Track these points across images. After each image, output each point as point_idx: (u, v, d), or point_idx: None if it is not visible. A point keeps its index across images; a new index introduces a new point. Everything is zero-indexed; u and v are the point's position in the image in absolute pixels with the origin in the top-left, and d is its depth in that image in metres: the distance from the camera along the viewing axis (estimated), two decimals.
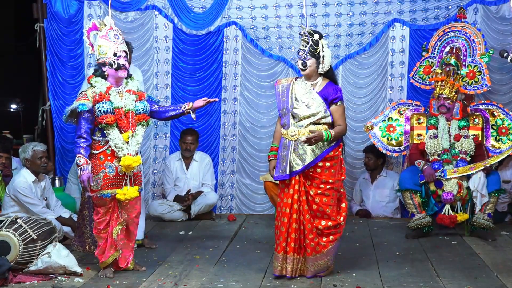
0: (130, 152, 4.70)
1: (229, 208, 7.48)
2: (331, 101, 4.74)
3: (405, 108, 6.67)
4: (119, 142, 4.67)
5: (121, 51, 4.72)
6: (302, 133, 4.70)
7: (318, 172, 4.73)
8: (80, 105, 4.62)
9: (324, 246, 4.75)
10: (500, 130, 6.44)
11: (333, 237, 4.78)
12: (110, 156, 4.71)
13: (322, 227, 4.74)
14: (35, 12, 7.45)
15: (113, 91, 4.71)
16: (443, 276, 4.79)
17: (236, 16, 7.34)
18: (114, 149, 4.68)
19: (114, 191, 4.72)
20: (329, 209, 4.74)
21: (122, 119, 4.70)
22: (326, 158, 4.73)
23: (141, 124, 4.79)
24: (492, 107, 6.49)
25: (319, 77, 4.80)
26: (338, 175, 4.79)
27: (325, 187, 4.73)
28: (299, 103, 4.76)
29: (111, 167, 4.71)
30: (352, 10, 7.23)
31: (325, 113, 4.73)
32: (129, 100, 4.77)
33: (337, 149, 4.78)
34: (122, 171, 4.72)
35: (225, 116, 7.44)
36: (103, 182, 4.70)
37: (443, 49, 6.65)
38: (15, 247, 4.82)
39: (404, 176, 6.16)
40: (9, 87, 12.11)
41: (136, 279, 4.72)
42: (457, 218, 5.99)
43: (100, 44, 4.69)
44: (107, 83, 4.73)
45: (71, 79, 7.42)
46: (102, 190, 4.70)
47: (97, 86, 4.71)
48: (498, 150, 6.37)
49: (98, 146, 4.71)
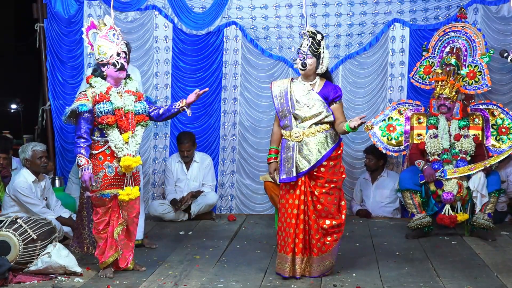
0: (130, 153, 4.69)
1: (229, 208, 7.47)
2: (332, 100, 4.76)
3: (405, 108, 6.68)
4: (119, 143, 4.67)
5: (122, 51, 4.72)
6: (306, 133, 4.72)
7: (323, 172, 4.74)
8: (80, 105, 4.61)
9: (329, 246, 4.78)
10: (500, 129, 6.44)
11: (336, 236, 4.81)
12: (109, 157, 4.71)
13: (327, 227, 4.75)
14: (35, 12, 7.44)
15: (113, 92, 4.71)
16: (443, 276, 4.79)
17: (236, 16, 7.34)
18: (114, 150, 4.68)
19: (114, 191, 4.72)
20: (333, 208, 4.76)
21: (122, 119, 4.70)
22: (331, 157, 4.75)
23: (140, 125, 4.80)
24: (492, 106, 6.49)
25: (317, 77, 4.81)
26: (340, 173, 4.83)
27: (329, 186, 4.74)
28: (300, 105, 4.76)
29: (110, 167, 4.71)
30: (352, 10, 7.23)
31: (327, 112, 4.75)
32: (129, 100, 4.76)
33: (339, 148, 4.81)
34: (122, 171, 4.72)
35: (225, 116, 7.44)
36: (103, 182, 4.69)
37: (443, 49, 6.65)
38: (15, 247, 4.82)
39: (404, 176, 6.16)
40: (9, 87, 12.11)
41: (136, 279, 4.71)
42: (457, 218, 5.99)
43: (100, 44, 4.68)
44: (107, 83, 4.72)
45: (71, 79, 7.41)
46: (101, 190, 4.69)
47: (96, 86, 4.70)
48: (499, 150, 6.37)
49: (97, 146, 4.71)
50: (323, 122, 4.75)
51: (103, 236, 4.78)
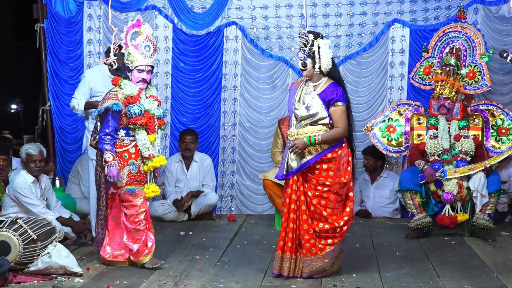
0: (154, 153, 4.99)
1: (229, 209, 7.47)
2: (328, 102, 4.71)
3: (405, 108, 6.67)
4: (147, 143, 4.96)
5: (147, 65, 4.96)
6: (299, 133, 4.72)
7: (316, 174, 4.72)
8: (115, 104, 4.86)
9: (321, 249, 4.73)
10: (500, 130, 6.44)
11: (331, 241, 4.75)
12: (134, 155, 4.99)
13: (319, 230, 4.72)
14: (35, 12, 7.44)
15: (142, 95, 5.00)
16: (443, 276, 4.79)
17: (236, 16, 7.34)
18: (141, 149, 4.96)
19: (138, 187, 4.99)
20: (326, 211, 4.71)
21: (151, 121, 5.00)
22: (323, 160, 4.70)
23: (160, 128, 5.11)
24: (492, 107, 6.49)
25: (323, 78, 4.77)
26: (338, 177, 4.73)
27: (322, 189, 4.70)
28: (300, 104, 4.76)
29: (134, 165, 4.98)
30: (352, 10, 7.23)
31: (324, 114, 4.70)
32: (153, 105, 5.07)
33: (336, 151, 4.72)
34: (144, 169, 5.01)
35: (225, 116, 7.44)
36: (128, 178, 4.96)
37: (443, 49, 6.65)
38: (15, 247, 4.82)
39: (405, 176, 6.16)
40: (9, 87, 12.11)
41: (136, 279, 4.72)
42: (457, 218, 5.99)
43: (130, 52, 4.94)
44: (137, 86, 4.99)
45: (71, 79, 7.40)
46: (126, 186, 4.96)
47: (126, 88, 4.96)
48: (498, 151, 6.38)
49: (122, 145, 4.98)
50: (319, 124, 4.72)
51: (142, 228, 5.01)
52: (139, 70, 4.94)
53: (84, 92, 5.97)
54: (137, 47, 4.92)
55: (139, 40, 4.94)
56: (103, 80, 5.84)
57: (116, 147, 4.96)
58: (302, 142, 4.64)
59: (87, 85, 5.97)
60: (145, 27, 4.99)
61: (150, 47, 4.97)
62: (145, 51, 4.94)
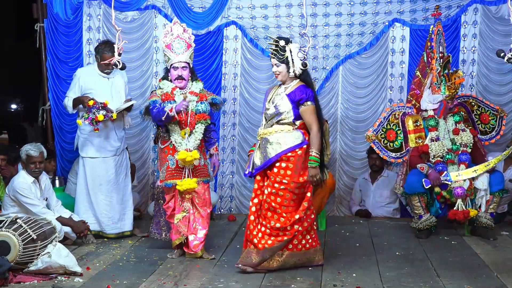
0: (188, 148, 5.19)
1: (229, 209, 7.47)
2: (297, 102, 4.85)
3: (399, 112, 6.59)
4: (178, 138, 5.23)
5: (180, 62, 5.26)
6: (265, 132, 4.92)
7: (274, 172, 4.85)
8: (152, 101, 5.26)
9: (270, 244, 4.84)
10: (482, 118, 6.55)
11: (280, 238, 4.85)
12: (171, 150, 5.28)
13: (270, 227, 4.84)
14: (35, 12, 7.44)
15: (177, 92, 5.29)
16: (443, 276, 4.78)
17: (236, 16, 7.34)
18: (175, 144, 5.25)
19: (174, 181, 5.25)
20: (281, 209, 4.83)
21: (182, 117, 5.21)
22: (283, 158, 4.82)
23: (200, 122, 5.28)
24: (468, 98, 6.61)
25: (294, 81, 4.92)
26: (296, 177, 4.82)
27: (279, 187, 4.82)
28: (270, 104, 4.94)
29: (172, 160, 5.27)
30: (352, 10, 7.23)
31: (288, 114, 4.86)
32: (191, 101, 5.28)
33: (296, 151, 4.83)
34: (181, 164, 5.22)
35: (224, 116, 7.43)
36: (166, 173, 5.27)
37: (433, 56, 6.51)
38: (15, 247, 4.82)
39: (412, 180, 6.06)
40: (9, 87, 12.13)
41: (136, 279, 4.71)
42: (469, 213, 5.97)
43: (165, 52, 5.31)
44: (172, 84, 5.31)
45: (71, 79, 7.36)
46: (165, 180, 5.28)
47: (164, 87, 5.31)
48: (488, 137, 6.51)
49: (163, 141, 5.34)
50: (285, 123, 4.86)
51: (171, 220, 5.35)
52: (174, 68, 5.26)
53: (75, 90, 6.07)
54: (170, 46, 5.26)
55: (170, 40, 5.26)
56: (94, 78, 6.04)
57: (161, 144, 5.34)
58: (313, 169, 4.80)
59: (78, 84, 6.07)
60: (176, 27, 5.30)
61: (182, 44, 5.27)
62: (176, 49, 5.25)
